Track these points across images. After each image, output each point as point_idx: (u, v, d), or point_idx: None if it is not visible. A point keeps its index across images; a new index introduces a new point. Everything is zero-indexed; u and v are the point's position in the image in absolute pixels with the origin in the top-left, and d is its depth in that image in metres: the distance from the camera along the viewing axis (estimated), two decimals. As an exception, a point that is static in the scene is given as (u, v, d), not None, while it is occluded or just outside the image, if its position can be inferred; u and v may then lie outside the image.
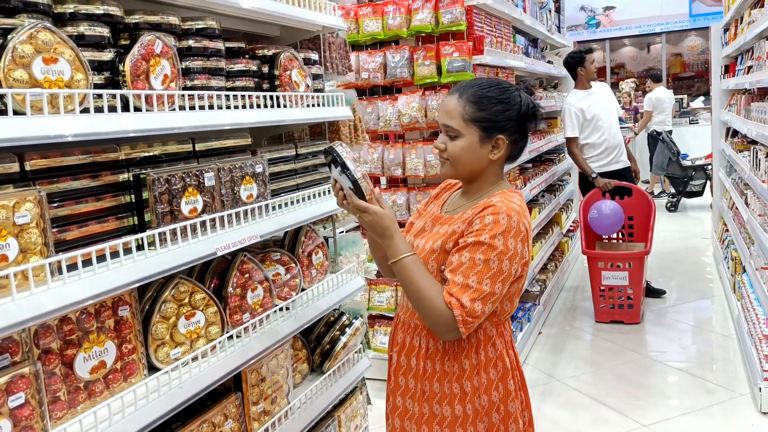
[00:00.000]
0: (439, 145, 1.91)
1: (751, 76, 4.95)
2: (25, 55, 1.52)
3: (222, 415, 2.13)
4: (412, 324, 1.97)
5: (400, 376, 1.98)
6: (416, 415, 1.93)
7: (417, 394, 1.93)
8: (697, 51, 16.50)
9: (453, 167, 1.90)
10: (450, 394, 1.88)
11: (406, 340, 1.97)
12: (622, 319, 5.43)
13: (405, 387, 1.96)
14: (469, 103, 1.85)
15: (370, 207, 1.79)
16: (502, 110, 1.85)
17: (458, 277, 1.75)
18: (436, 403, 1.90)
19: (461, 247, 1.78)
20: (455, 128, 1.86)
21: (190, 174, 2.00)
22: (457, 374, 1.87)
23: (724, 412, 3.87)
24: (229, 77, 2.28)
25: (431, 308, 1.75)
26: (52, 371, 1.62)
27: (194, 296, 2.06)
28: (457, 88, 1.91)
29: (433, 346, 1.90)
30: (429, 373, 1.90)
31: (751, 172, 4.51)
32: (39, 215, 1.53)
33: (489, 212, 1.78)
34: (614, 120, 5.94)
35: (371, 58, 4.38)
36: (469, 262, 1.75)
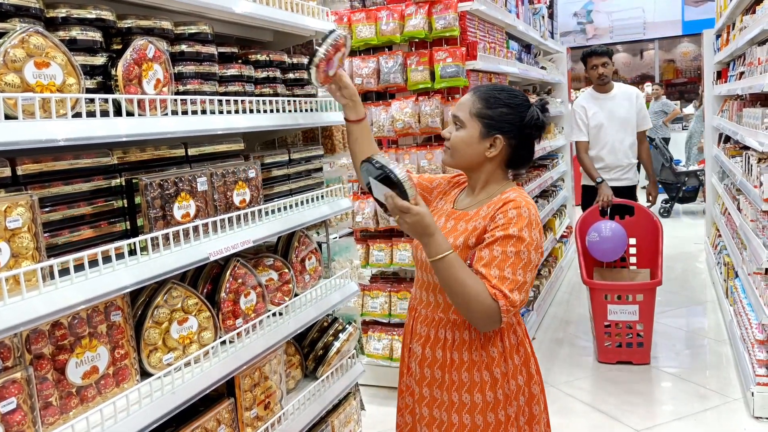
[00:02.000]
0: (445, 133, 2.07)
1: (743, 81, 4.97)
2: (16, 59, 1.51)
3: (215, 420, 2.12)
4: (435, 317, 2.04)
5: (426, 367, 2.05)
6: (446, 403, 2.01)
7: (445, 384, 2.00)
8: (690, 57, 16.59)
9: (451, 156, 2.05)
10: (480, 381, 1.97)
11: (430, 333, 2.05)
12: (630, 359, 4.73)
13: (431, 378, 2.04)
14: (479, 100, 2.01)
15: (412, 207, 1.83)
16: (506, 113, 1.99)
17: (494, 270, 1.84)
18: (465, 392, 1.98)
19: (490, 241, 1.88)
20: (461, 119, 2.01)
21: (183, 179, 2.00)
22: (486, 362, 1.97)
23: (717, 417, 3.88)
24: (222, 82, 2.28)
25: (478, 302, 1.82)
26: (44, 376, 1.61)
27: (187, 301, 2.05)
28: (477, 88, 2.07)
29: (459, 338, 1.99)
30: (457, 363, 1.99)
31: (744, 177, 4.53)
32: (31, 220, 1.53)
33: (511, 206, 1.91)
34: (624, 135, 5.22)
35: (364, 63, 4.38)
36: (501, 255, 1.86)
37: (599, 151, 5.26)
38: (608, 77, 5.26)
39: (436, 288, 2.03)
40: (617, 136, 5.22)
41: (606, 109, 5.25)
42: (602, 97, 5.30)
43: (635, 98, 5.32)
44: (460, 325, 1.99)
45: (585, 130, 5.28)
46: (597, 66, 5.25)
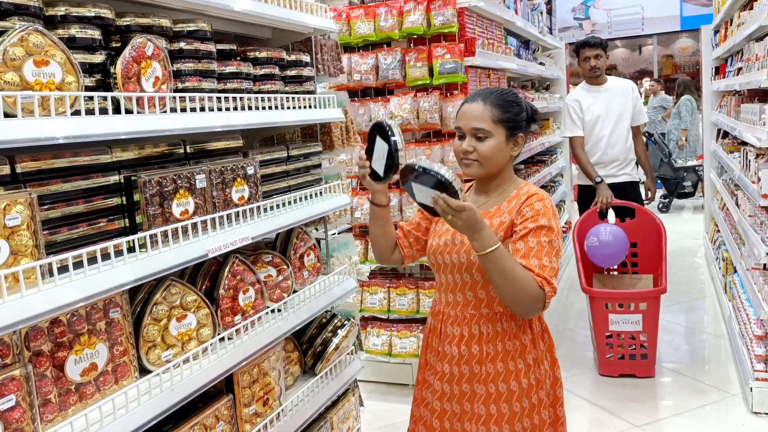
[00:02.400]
0: (468, 148, 2.06)
1: (741, 77, 4.98)
2: (16, 57, 1.52)
3: (214, 417, 2.13)
4: (467, 315, 2.09)
5: (463, 365, 2.09)
6: (483, 396, 2.07)
7: (482, 377, 2.06)
8: (689, 53, 16.58)
9: (482, 166, 2.07)
10: (515, 369, 2.06)
11: (464, 331, 2.09)
12: (633, 372, 4.40)
13: (469, 373, 2.08)
14: (496, 107, 2.05)
15: (465, 204, 1.83)
16: (519, 111, 2.09)
17: (533, 260, 1.94)
18: (502, 382, 2.06)
19: (524, 234, 1.97)
20: (487, 129, 2.04)
21: (182, 176, 2.00)
22: (519, 350, 2.06)
23: (715, 413, 3.89)
24: (221, 79, 2.28)
25: (528, 289, 1.90)
26: (43, 373, 1.62)
27: (186, 298, 2.06)
28: (479, 95, 2.09)
29: (492, 330, 2.06)
30: (492, 355, 2.06)
31: (742, 173, 4.54)
32: (30, 217, 1.53)
33: (536, 199, 2.02)
34: (620, 128, 4.97)
35: (363, 59, 4.39)
36: (537, 245, 1.95)
37: (595, 145, 4.99)
38: (600, 70, 4.98)
39: (465, 287, 2.09)
40: (614, 130, 4.97)
41: (601, 102, 4.98)
42: (596, 89, 5.04)
43: (630, 91, 5.07)
44: (492, 318, 2.06)
45: (580, 124, 4.99)
46: (589, 58, 4.97)
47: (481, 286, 2.06)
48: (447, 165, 2.09)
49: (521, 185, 2.12)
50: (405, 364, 4.43)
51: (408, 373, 4.44)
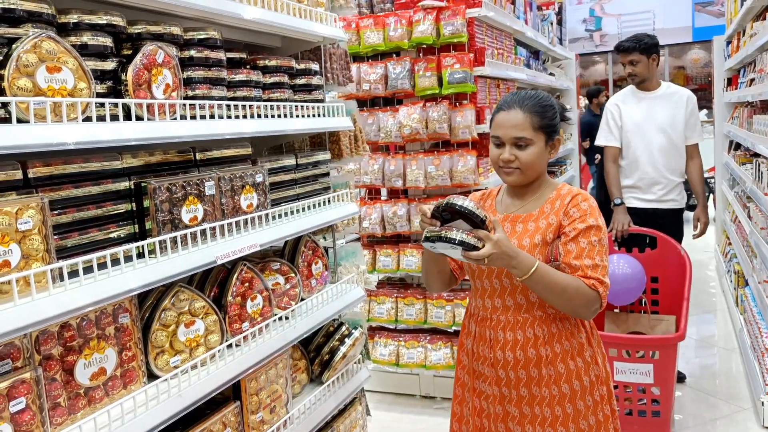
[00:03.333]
0: (509, 157, 2.05)
1: (753, 88, 4.96)
2: (29, 63, 1.54)
3: (221, 423, 2.13)
4: (519, 319, 2.08)
5: (519, 369, 2.08)
6: (547, 398, 2.07)
7: (544, 380, 2.06)
8: (701, 64, 16.54)
9: (523, 174, 2.07)
10: (575, 369, 2.07)
11: (517, 335, 2.08)
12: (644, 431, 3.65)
13: (527, 377, 2.07)
14: (534, 114, 2.05)
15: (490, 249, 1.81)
16: (554, 115, 2.10)
17: (586, 260, 1.97)
18: (564, 382, 2.06)
19: (575, 235, 2.00)
20: (528, 138, 2.04)
21: (191, 183, 2.02)
22: (576, 349, 2.07)
23: (726, 426, 3.85)
24: (230, 87, 2.30)
25: (581, 296, 1.95)
26: (53, 377, 1.63)
27: (194, 304, 2.07)
28: (515, 103, 2.07)
29: (548, 332, 2.06)
30: (551, 356, 2.06)
31: (754, 185, 4.51)
32: (41, 222, 1.55)
33: (581, 199, 2.05)
34: (665, 143, 4.20)
35: (372, 69, 4.40)
36: (588, 245, 1.99)
37: (632, 162, 4.28)
38: (639, 77, 4.28)
39: (515, 290, 2.07)
40: (656, 143, 4.23)
41: (644, 109, 4.28)
42: (642, 95, 4.32)
43: (685, 101, 4.27)
44: (546, 319, 2.06)
45: (616, 133, 4.34)
46: (624, 65, 4.35)
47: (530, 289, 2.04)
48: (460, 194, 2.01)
49: (558, 185, 2.13)
50: (412, 375, 4.42)
51: (415, 383, 4.43)
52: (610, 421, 2.11)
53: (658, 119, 4.23)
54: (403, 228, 4.38)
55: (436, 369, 4.31)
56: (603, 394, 2.10)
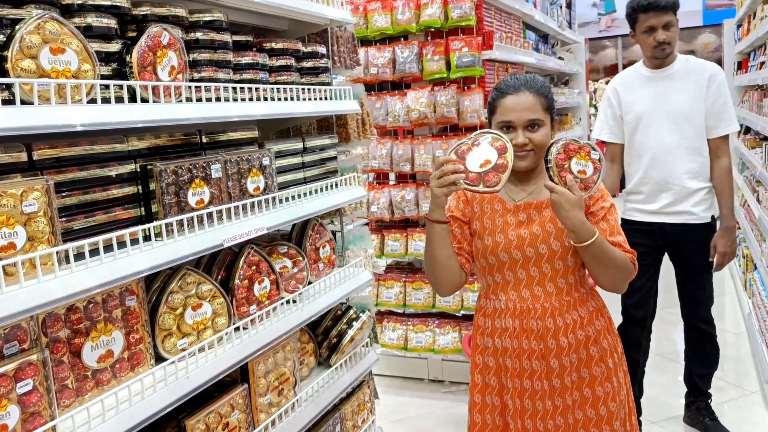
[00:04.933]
0: (524, 140, 2.03)
1: (764, 71, 4.91)
2: (32, 45, 1.53)
3: (229, 405, 2.14)
4: (563, 303, 2.08)
5: (572, 353, 2.08)
6: (598, 377, 2.10)
7: (594, 359, 2.10)
8: (711, 48, 16.38)
9: (536, 156, 2.07)
10: (608, 347, 2.13)
11: (566, 320, 2.08)
12: None
13: (578, 360, 2.09)
14: (541, 95, 2.07)
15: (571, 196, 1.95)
16: (553, 96, 2.15)
17: (618, 237, 2.06)
18: (609, 358, 2.12)
19: (604, 214, 2.07)
20: (541, 119, 2.06)
21: (197, 166, 2.01)
22: (606, 326, 2.14)
23: (733, 410, 3.85)
24: (237, 70, 2.28)
25: (627, 268, 2.03)
26: (60, 359, 1.64)
27: (201, 287, 2.07)
28: (522, 86, 2.06)
29: (587, 312, 2.12)
30: (594, 336, 2.11)
31: (764, 168, 4.48)
32: (46, 204, 1.54)
33: None
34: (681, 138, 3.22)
35: (380, 53, 4.38)
36: (615, 222, 2.08)
37: (635, 160, 3.35)
38: (671, 47, 3.23)
39: (557, 275, 2.07)
40: (669, 139, 3.24)
41: (651, 94, 3.29)
42: (652, 74, 3.32)
43: (707, 81, 3.22)
44: (583, 300, 2.12)
45: (614, 125, 3.41)
46: (655, 28, 3.20)
47: (571, 270, 2.08)
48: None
49: None
50: (421, 359, 4.43)
51: (423, 367, 4.44)
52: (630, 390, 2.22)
53: (671, 105, 3.23)
54: (411, 212, 4.37)
55: (444, 353, 4.31)
56: (625, 370, 2.21)
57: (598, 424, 2.09)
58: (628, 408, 2.17)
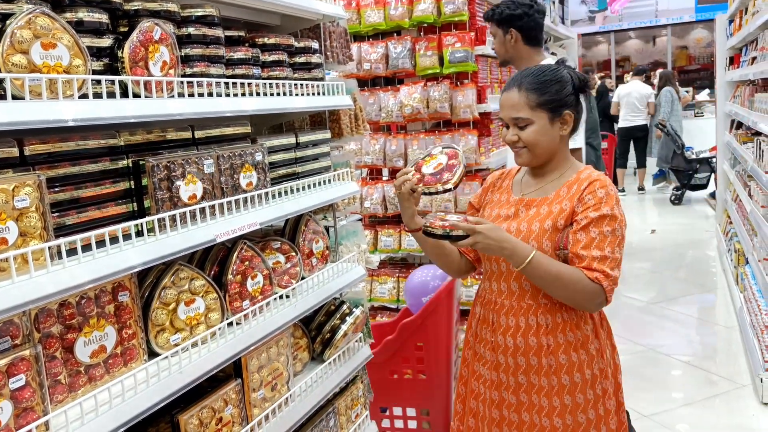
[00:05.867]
0: (511, 137, 2.04)
1: (755, 66, 4.93)
2: (23, 40, 1.52)
3: (222, 400, 2.14)
4: (523, 305, 2.04)
5: (519, 356, 2.04)
6: (545, 388, 2.03)
7: (543, 369, 2.02)
8: (703, 44, 16.43)
9: (531, 153, 2.03)
10: (577, 361, 2.01)
11: (520, 322, 2.04)
12: None
13: (526, 365, 2.04)
14: (530, 92, 2.00)
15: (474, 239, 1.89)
16: (560, 89, 2.01)
17: (595, 251, 1.90)
18: (564, 374, 2.01)
19: (586, 224, 1.92)
20: (525, 117, 2.00)
21: (190, 161, 2.01)
22: (581, 341, 2.02)
23: (725, 403, 3.87)
24: (229, 65, 2.28)
25: (580, 289, 1.90)
26: (53, 355, 1.63)
27: (194, 283, 2.07)
28: (513, 82, 2.04)
29: (552, 321, 2.01)
30: (553, 347, 2.01)
31: (755, 163, 4.50)
32: (38, 199, 1.54)
33: (598, 186, 1.96)
34: None
35: (373, 48, 4.38)
36: (599, 235, 1.91)
37: None
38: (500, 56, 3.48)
39: (519, 276, 2.03)
40: None
41: None
42: None
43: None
44: (551, 308, 2.01)
45: None
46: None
47: None
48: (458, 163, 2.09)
49: (581, 168, 2.05)
50: (414, 354, 4.43)
51: (417, 362, 4.44)
52: (612, 416, 2.05)
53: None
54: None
55: (437, 348, 4.32)
56: (606, 388, 2.04)
57: (533, 430, 2.05)
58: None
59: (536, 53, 3.30)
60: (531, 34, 3.27)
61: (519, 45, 3.28)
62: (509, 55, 3.35)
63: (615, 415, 2.07)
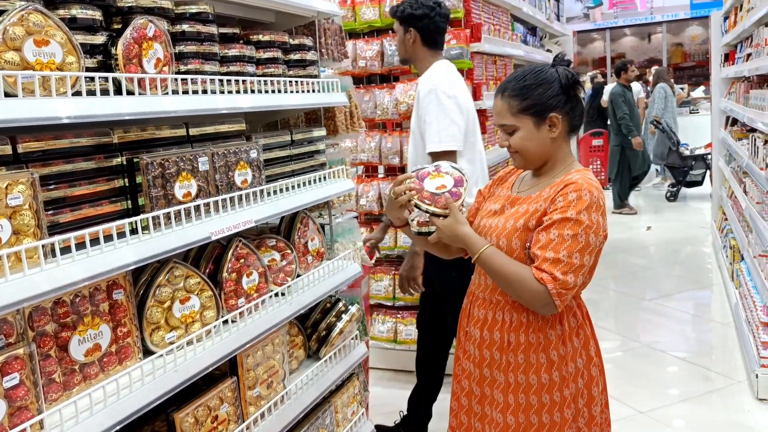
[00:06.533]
0: (503, 143, 2.07)
1: (750, 63, 4.94)
2: (16, 37, 1.51)
3: (218, 398, 2.14)
4: (493, 300, 2.06)
5: (485, 349, 2.07)
6: (503, 384, 2.04)
7: (503, 365, 2.03)
8: (699, 41, 16.45)
9: (522, 158, 2.04)
10: (536, 363, 1.99)
11: (488, 315, 2.07)
12: None
13: (490, 359, 2.06)
14: (513, 98, 1.99)
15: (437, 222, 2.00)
16: (543, 92, 1.98)
17: (549, 253, 1.87)
18: (521, 373, 2.00)
19: (548, 225, 1.89)
20: (509, 124, 2.01)
21: (184, 158, 2.00)
22: (543, 344, 1.99)
23: (721, 399, 3.88)
24: (224, 62, 2.27)
25: (524, 288, 1.89)
26: (47, 353, 1.63)
27: (189, 281, 2.06)
28: (498, 89, 2.05)
29: (517, 319, 2.01)
30: (513, 345, 2.01)
31: (750, 159, 4.51)
32: (32, 197, 1.53)
33: (571, 189, 1.91)
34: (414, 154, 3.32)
35: (368, 46, 4.37)
36: (558, 238, 1.87)
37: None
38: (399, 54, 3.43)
39: None
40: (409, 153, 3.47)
41: None
42: None
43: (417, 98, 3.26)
44: (519, 307, 2.00)
45: None
46: None
47: None
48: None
49: (570, 171, 2.00)
50: (410, 351, 4.42)
51: (413, 360, 4.44)
52: (569, 425, 2.00)
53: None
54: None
55: (433, 346, 4.31)
56: (566, 397, 1.99)
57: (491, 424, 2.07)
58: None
59: (433, 55, 3.27)
60: (430, 36, 3.25)
61: (417, 46, 3.26)
62: (408, 54, 3.32)
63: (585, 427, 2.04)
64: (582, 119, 2.10)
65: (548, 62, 2.12)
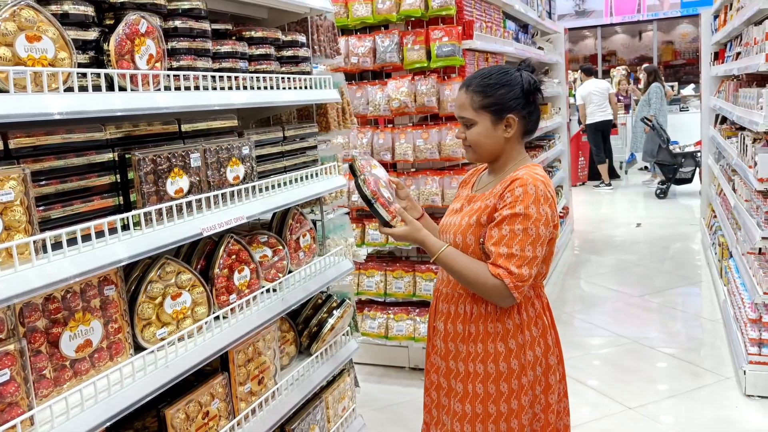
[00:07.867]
0: (459, 135, 2.13)
1: (740, 62, 4.96)
2: (7, 32, 1.51)
3: (209, 394, 2.14)
4: (455, 294, 2.14)
5: (449, 341, 2.14)
6: (462, 374, 2.10)
7: (462, 356, 2.10)
8: (689, 39, 16.52)
9: (474, 152, 2.12)
10: (494, 352, 2.06)
11: (451, 309, 2.15)
12: None
13: (455, 351, 2.12)
14: (476, 93, 2.06)
15: (394, 232, 2.08)
16: (506, 92, 2.05)
17: (502, 248, 1.95)
18: (479, 362, 2.07)
19: (499, 221, 1.97)
20: (469, 117, 2.07)
21: (176, 154, 2.00)
22: (501, 334, 2.06)
23: (709, 395, 3.91)
24: (216, 59, 2.27)
25: (482, 284, 1.97)
26: (38, 349, 1.63)
27: (180, 277, 2.06)
28: (464, 82, 2.12)
29: (477, 311, 2.08)
30: (473, 335, 2.08)
31: (739, 157, 4.54)
32: (23, 193, 1.53)
33: (517, 184, 1.98)
34: None
35: (360, 42, 4.37)
36: (509, 233, 1.95)
37: None
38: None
39: None
40: None
41: None
42: None
43: None
44: (478, 299, 2.07)
45: None
46: None
47: None
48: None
49: (519, 167, 2.07)
50: (401, 347, 4.45)
51: (404, 355, 4.46)
52: (526, 411, 2.06)
53: None
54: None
55: (425, 341, 4.33)
56: (523, 384, 2.04)
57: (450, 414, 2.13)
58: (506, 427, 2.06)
59: None
60: None
61: None
62: None
63: (542, 413, 2.10)
64: (537, 125, 2.17)
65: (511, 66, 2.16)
